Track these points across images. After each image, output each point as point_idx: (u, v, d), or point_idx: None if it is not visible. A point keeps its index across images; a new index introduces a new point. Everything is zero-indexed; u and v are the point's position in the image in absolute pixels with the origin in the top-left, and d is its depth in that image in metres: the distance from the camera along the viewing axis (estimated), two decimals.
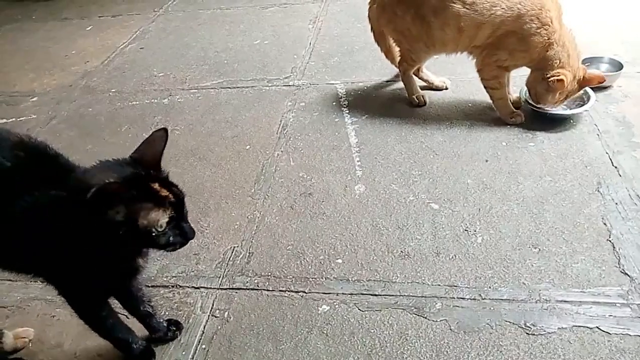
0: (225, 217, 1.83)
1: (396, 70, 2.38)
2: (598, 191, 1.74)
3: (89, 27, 3.64)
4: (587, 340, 1.31)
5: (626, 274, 1.45)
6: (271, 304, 1.51)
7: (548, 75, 1.93)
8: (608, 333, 1.32)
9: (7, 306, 1.60)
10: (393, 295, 1.48)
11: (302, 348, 1.38)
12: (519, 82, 2.17)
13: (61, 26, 3.73)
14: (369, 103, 2.37)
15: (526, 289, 1.45)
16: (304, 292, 1.53)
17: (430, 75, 2.39)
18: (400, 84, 2.36)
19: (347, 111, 2.33)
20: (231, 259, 1.67)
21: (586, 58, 2.19)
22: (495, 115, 2.15)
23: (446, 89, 2.38)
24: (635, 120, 2.03)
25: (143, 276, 1.30)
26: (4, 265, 1.21)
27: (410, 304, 1.45)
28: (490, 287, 1.47)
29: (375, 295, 1.49)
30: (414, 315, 1.42)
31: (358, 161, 2.02)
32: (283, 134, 2.23)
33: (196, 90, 2.67)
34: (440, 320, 1.40)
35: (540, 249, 1.56)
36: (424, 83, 2.39)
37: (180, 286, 1.60)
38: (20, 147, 1.13)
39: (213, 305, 1.53)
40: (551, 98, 1.98)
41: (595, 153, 1.90)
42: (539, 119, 2.09)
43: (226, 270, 1.63)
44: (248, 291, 1.56)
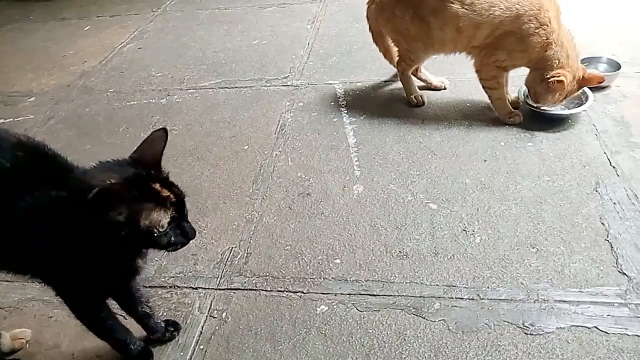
0: (223, 218, 1.83)
1: (395, 70, 2.38)
2: (596, 191, 1.74)
3: (88, 27, 3.63)
4: (585, 340, 1.31)
5: (624, 274, 1.45)
6: (269, 305, 1.51)
7: (548, 76, 1.93)
8: (606, 333, 1.32)
9: (5, 307, 1.60)
10: (391, 295, 1.48)
11: (301, 348, 1.37)
12: (518, 82, 2.18)
13: (60, 26, 3.73)
14: (368, 103, 2.37)
15: (524, 289, 1.45)
16: (302, 293, 1.53)
17: (428, 75, 2.39)
18: (398, 84, 2.36)
19: (346, 111, 2.33)
20: (229, 260, 1.67)
21: (584, 58, 2.19)
22: (493, 115, 2.15)
23: (445, 89, 2.38)
24: (633, 120, 2.04)
25: (141, 277, 1.30)
26: (2, 265, 1.21)
27: (408, 304, 1.45)
28: (488, 287, 1.47)
29: (373, 295, 1.49)
30: (413, 315, 1.42)
31: (356, 161, 2.02)
32: (281, 134, 2.23)
33: (194, 90, 2.67)
34: (438, 320, 1.40)
35: (538, 249, 1.56)
36: (423, 83, 2.39)
37: (178, 287, 1.60)
38: (19, 148, 1.13)
39: (211, 305, 1.53)
40: (551, 98, 1.98)
41: (593, 153, 1.90)
42: (538, 119, 2.09)
43: (224, 270, 1.63)
44: (246, 291, 1.56)
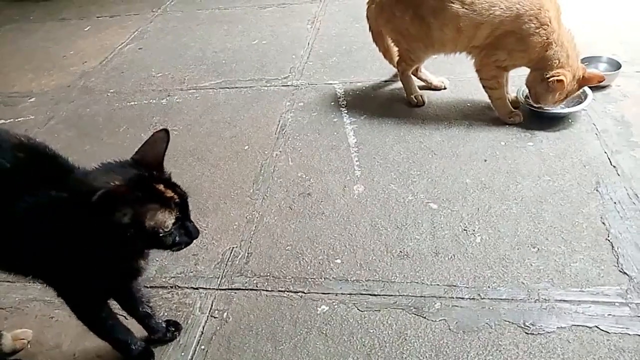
0: (223, 218, 1.83)
1: (395, 70, 2.38)
2: (597, 190, 1.74)
3: (88, 28, 3.63)
4: (586, 339, 1.31)
5: (625, 273, 1.45)
6: (270, 305, 1.51)
7: (548, 75, 1.93)
8: (607, 332, 1.32)
9: (6, 307, 1.60)
10: (392, 295, 1.48)
11: (301, 348, 1.38)
12: (518, 82, 2.18)
13: (60, 26, 3.73)
14: (368, 103, 2.37)
15: (525, 289, 1.45)
16: (303, 293, 1.53)
17: (428, 75, 2.39)
18: (398, 84, 2.36)
19: (346, 111, 2.33)
20: (230, 260, 1.67)
21: (585, 58, 2.19)
22: (493, 115, 2.15)
23: (445, 89, 2.38)
24: (633, 119, 2.04)
25: (142, 277, 1.30)
26: (3, 266, 1.21)
27: (409, 304, 1.45)
28: (489, 287, 1.47)
29: (374, 295, 1.49)
30: (413, 315, 1.42)
31: (357, 161, 2.02)
32: (282, 134, 2.23)
33: (194, 90, 2.67)
34: (439, 320, 1.40)
35: (539, 249, 1.56)
36: (423, 83, 2.39)
37: (179, 287, 1.60)
38: (20, 149, 1.13)
39: (212, 305, 1.53)
40: (551, 98, 1.98)
41: (593, 152, 1.90)
42: (538, 119, 2.09)
43: (225, 270, 1.63)
44: (247, 292, 1.56)
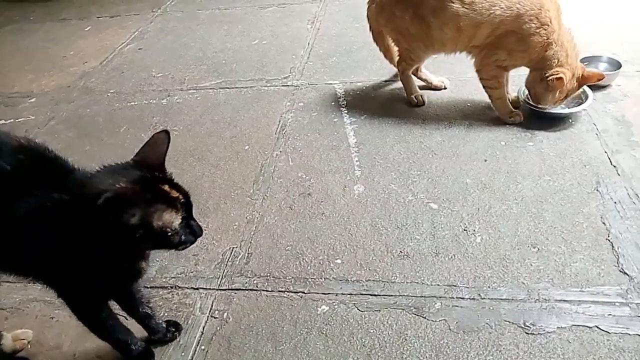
0: (224, 218, 1.83)
1: (395, 69, 2.38)
2: (597, 190, 1.74)
3: (88, 28, 3.63)
4: (586, 339, 1.31)
5: (625, 273, 1.45)
6: (270, 305, 1.51)
7: (547, 74, 1.93)
8: (607, 332, 1.32)
9: (6, 308, 1.60)
10: (392, 295, 1.48)
11: (302, 348, 1.38)
12: (518, 82, 2.17)
13: (60, 27, 3.73)
14: (368, 103, 2.37)
15: (525, 289, 1.45)
16: (303, 293, 1.53)
17: (429, 74, 2.39)
18: (399, 84, 2.36)
19: (346, 111, 2.33)
20: (230, 260, 1.67)
21: (585, 57, 2.19)
22: (494, 114, 2.15)
23: (445, 89, 2.38)
24: (634, 119, 2.03)
25: (143, 278, 1.30)
26: (3, 267, 1.21)
27: (409, 304, 1.45)
28: (489, 287, 1.47)
29: (374, 295, 1.49)
30: (414, 315, 1.42)
31: (357, 161, 2.02)
32: (282, 134, 2.23)
33: (195, 90, 2.67)
34: (439, 320, 1.40)
35: (539, 249, 1.56)
36: (423, 83, 2.39)
37: (179, 287, 1.60)
38: (19, 150, 1.13)
39: (212, 306, 1.53)
40: (551, 97, 1.98)
41: (594, 152, 1.90)
42: (538, 119, 2.09)
43: (225, 271, 1.63)
44: (247, 292, 1.56)
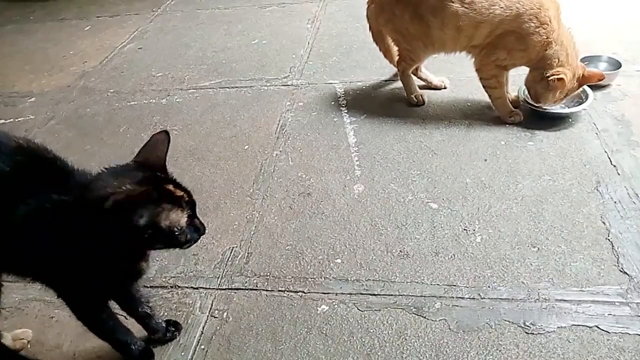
0: (224, 218, 1.83)
1: (395, 69, 2.38)
2: (597, 190, 1.74)
3: (87, 28, 3.63)
4: (587, 339, 1.31)
5: (625, 273, 1.45)
6: (270, 304, 1.51)
7: (548, 74, 1.92)
8: (607, 332, 1.32)
9: (6, 307, 1.59)
10: (392, 295, 1.48)
11: (301, 348, 1.38)
12: (518, 81, 2.17)
13: (59, 27, 3.73)
14: (368, 102, 2.36)
15: (525, 288, 1.45)
16: (303, 292, 1.53)
17: (429, 74, 2.38)
18: (398, 84, 2.36)
19: (346, 111, 2.32)
20: (230, 259, 1.67)
21: (585, 57, 2.19)
22: (494, 114, 2.15)
23: (445, 88, 2.38)
24: (634, 119, 2.03)
25: (144, 278, 1.30)
26: (3, 268, 1.21)
27: (409, 304, 1.45)
28: (489, 287, 1.47)
29: (374, 295, 1.49)
30: (413, 314, 1.42)
31: (357, 161, 2.02)
32: (282, 134, 2.23)
33: (194, 90, 2.67)
34: (439, 319, 1.40)
35: (539, 248, 1.56)
36: (423, 82, 2.39)
37: (179, 287, 1.60)
38: (19, 152, 1.13)
39: (212, 305, 1.53)
40: (551, 97, 1.98)
41: (594, 152, 1.90)
42: (538, 118, 2.08)
43: (225, 270, 1.63)
44: (247, 291, 1.56)
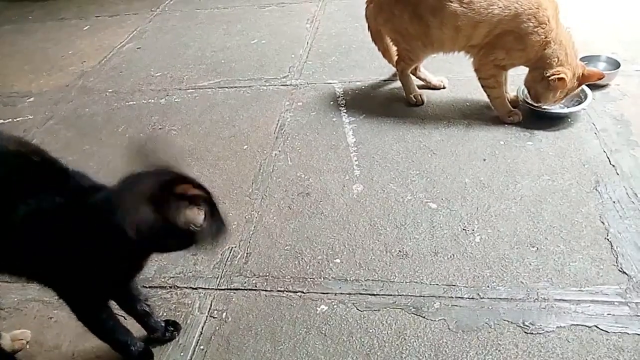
0: None
1: (394, 69, 2.38)
2: (596, 190, 1.74)
3: (86, 27, 3.63)
4: (586, 338, 1.31)
5: (624, 273, 1.45)
6: (269, 304, 1.50)
7: (548, 74, 1.92)
8: (606, 332, 1.32)
9: (5, 308, 1.60)
10: (391, 295, 1.48)
11: (301, 348, 1.37)
12: (517, 81, 2.17)
13: (58, 26, 3.72)
14: (367, 102, 2.36)
15: (524, 288, 1.45)
16: (302, 292, 1.53)
17: (427, 74, 2.38)
18: (397, 83, 2.36)
19: (345, 111, 2.32)
20: (229, 260, 1.67)
21: (584, 57, 2.19)
22: (493, 114, 2.15)
23: (444, 88, 2.38)
24: (633, 118, 2.03)
25: (141, 275, 1.30)
26: (2, 269, 1.21)
27: (408, 304, 1.45)
28: (488, 286, 1.47)
29: (373, 295, 1.49)
30: (413, 314, 1.42)
31: (356, 161, 2.01)
32: (281, 134, 2.23)
33: (193, 90, 2.66)
34: (438, 319, 1.40)
35: (538, 248, 1.56)
36: (422, 82, 2.39)
37: (178, 287, 1.60)
38: (17, 153, 1.13)
39: (211, 305, 1.53)
40: (552, 97, 1.97)
41: (593, 152, 1.90)
42: (537, 118, 2.08)
43: (224, 270, 1.63)
44: (246, 291, 1.56)
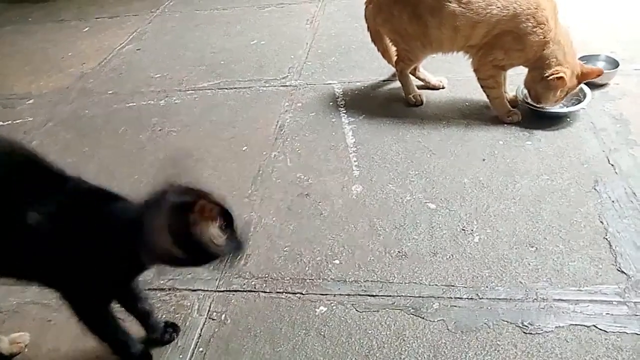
0: None
1: (393, 69, 2.38)
2: (595, 189, 1.74)
3: (86, 29, 3.63)
4: (584, 338, 1.31)
5: (623, 272, 1.45)
6: (268, 306, 1.51)
7: (547, 74, 1.92)
8: (605, 331, 1.32)
9: (3, 311, 1.60)
10: (390, 295, 1.48)
11: (300, 350, 1.38)
12: (516, 81, 2.17)
13: (58, 28, 3.72)
14: (366, 103, 2.36)
15: (523, 288, 1.45)
16: (301, 294, 1.53)
17: (427, 74, 2.38)
18: (397, 84, 2.36)
19: (344, 111, 2.32)
20: (228, 261, 1.66)
21: (582, 56, 2.18)
22: (492, 114, 2.15)
23: (443, 88, 2.38)
24: (632, 117, 2.03)
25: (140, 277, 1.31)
26: (3, 272, 1.21)
27: (407, 305, 1.45)
28: (487, 287, 1.47)
29: (372, 296, 1.49)
30: (412, 315, 1.42)
31: (355, 161, 2.01)
32: (280, 135, 2.23)
33: (193, 91, 2.66)
34: (437, 320, 1.40)
35: (537, 248, 1.56)
36: (421, 82, 2.39)
37: (177, 289, 1.60)
38: (14, 155, 1.13)
39: (210, 307, 1.53)
40: (552, 96, 1.97)
41: (592, 151, 1.90)
42: (536, 118, 2.08)
43: (223, 272, 1.63)
44: (245, 293, 1.56)
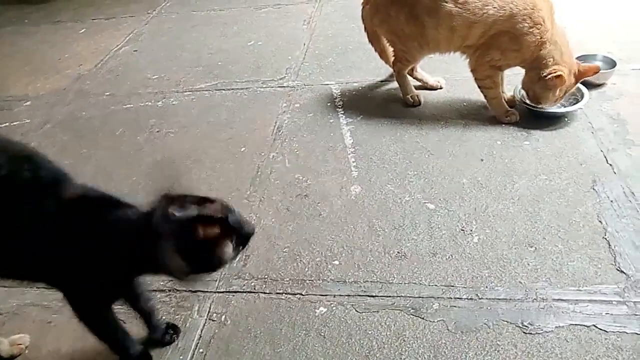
0: None
1: (391, 70, 2.38)
2: (593, 189, 1.74)
3: (83, 30, 3.62)
4: (584, 338, 1.31)
5: (622, 272, 1.46)
6: (268, 307, 1.50)
7: (545, 73, 1.93)
8: (605, 331, 1.32)
9: (3, 312, 1.59)
10: (390, 296, 1.48)
11: (300, 350, 1.38)
12: (514, 81, 2.18)
13: (55, 29, 3.71)
14: (364, 103, 2.36)
15: (523, 288, 1.45)
16: (301, 295, 1.53)
17: (424, 74, 2.39)
18: (394, 84, 2.36)
19: (342, 112, 2.33)
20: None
21: (579, 56, 2.19)
22: (489, 114, 2.15)
23: (441, 89, 2.38)
24: (629, 117, 2.04)
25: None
26: (5, 273, 1.21)
27: (407, 305, 1.45)
28: (487, 287, 1.47)
29: (372, 296, 1.49)
30: (411, 316, 1.42)
31: (353, 162, 2.02)
32: (278, 136, 2.23)
33: (190, 92, 2.66)
34: (437, 320, 1.40)
35: (536, 248, 1.57)
36: (419, 83, 2.39)
37: (177, 290, 1.59)
38: (14, 156, 1.13)
39: (210, 308, 1.53)
40: (551, 96, 1.97)
41: (590, 151, 1.91)
42: (534, 118, 2.09)
43: (223, 273, 1.63)
44: (245, 294, 1.55)
